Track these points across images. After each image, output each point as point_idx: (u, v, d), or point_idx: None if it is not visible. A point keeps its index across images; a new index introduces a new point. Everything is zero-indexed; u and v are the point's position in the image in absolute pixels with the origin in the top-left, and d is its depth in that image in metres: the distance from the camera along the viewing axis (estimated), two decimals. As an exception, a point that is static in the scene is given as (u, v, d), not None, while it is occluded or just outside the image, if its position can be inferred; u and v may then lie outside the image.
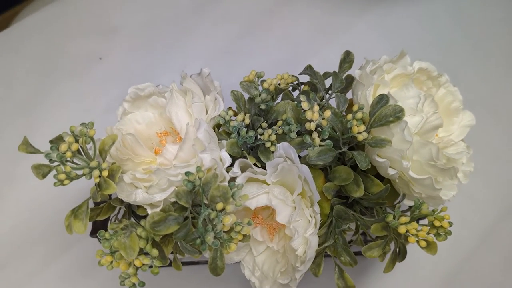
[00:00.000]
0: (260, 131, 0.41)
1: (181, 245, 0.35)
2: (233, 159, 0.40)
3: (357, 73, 0.42)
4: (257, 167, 0.40)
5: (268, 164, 0.38)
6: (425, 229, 0.36)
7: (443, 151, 0.40)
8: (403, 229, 0.35)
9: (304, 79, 0.47)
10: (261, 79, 0.44)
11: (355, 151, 0.39)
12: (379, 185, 0.40)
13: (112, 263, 0.35)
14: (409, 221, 0.36)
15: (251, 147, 0.42)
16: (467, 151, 0.43)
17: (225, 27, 0.76)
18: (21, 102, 0.68)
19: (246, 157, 0.40)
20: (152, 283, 0.48)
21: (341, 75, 0.45)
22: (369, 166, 0.38)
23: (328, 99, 0.45)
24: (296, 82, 0.45)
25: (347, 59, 0.46)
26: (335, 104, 0.41)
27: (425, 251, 0.38)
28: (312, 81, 0.45)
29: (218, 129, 0.43)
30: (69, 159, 0.36)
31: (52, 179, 0.36)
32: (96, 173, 0.36)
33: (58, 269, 0.55)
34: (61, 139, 0.39)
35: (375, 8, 0.78)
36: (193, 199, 0.36)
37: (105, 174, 0.36)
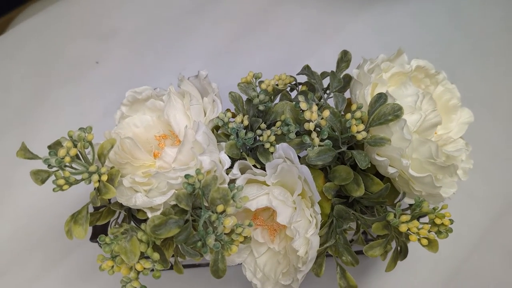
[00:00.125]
0: (259, 132, 0.41)
1: (182, 248, 0.35)
2: (233, 160, 0.40)
3: (354, 72, 0.42)
4: (257, 168, 0.40)
5: (267, 165, 0.38)
6: (426, 227, 0.36)
7: (442, 149, 0.40)
8: (404, 228, 0.35)
9: (301, 79, 0.47)
10: (259, 80, 0.44)
11: (354, 150, 0.39)
12: (379, 184, 0.40)
13: (113, 267, 0.35)
14: (410, 220, 0.36)
15: (250, 149, 0.42)
16: (466, 148, 0.43)
17: (222, 29, 0.76)
18: (18, 108, 0.68)
19: (245, 159, 0.40)
20: (153, 287, 0.47)
21: (339, 75, 0.45)
22: (369, 165, 0.38)
23: (326, 99, 0.45)
24: (294, 82, 0.45)
25: (344, 59, 0.46)
26: (334, 103, 0.41)
27: (427, 249, 0.37)
28: (309, 81, 0.45)
29: (216, 131, 0.43)
30: (68, 164, 0.36)
31: (50, 184, 0.36)
32: (95, 177, 0.35)
33: (58, 275, 0.55)
34: (60, 144, 0.38)
35: (371, 7, 0.78)
36: (193, 201, 0.35)
37: (104, 178, 0.36)
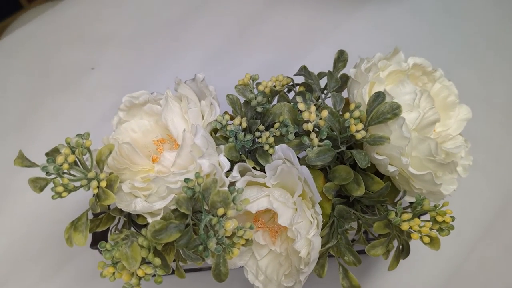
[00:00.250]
0: (257, 134, 0.40)
1: (184, 252, 0.35)
2: (232, 163, 0.40)
3: (352, 71, 0.42)
4: (256, 170, 0.40)
5: (267, 166, 0.38)
6: (427, 225, 0.36)
7: (441, 146, 0.40)
8: (406, 226, 0.35)
9: (298, 80, 0.47)
10: (256, 82, 0.44)
11: (354, 150, 0.39)
12: (379, 183, 0.39)
13: (114, 274, 0.34)
14: (411, 218, 0.36)
15: (249, 151, 0.42)
16: (465, 145, 0.43)
17: (217, 32, 0.76)
18: (14, 115, 0.68)
19: (244, 161, 0.40)
20: (155, 292, 0.47)
21: (336, 75, 0.45)
22: (368, 164, 0.38)
23: (324, 99, 0.44)
24: (291, 83, 0.45)
25: (341, 58, 0.46)
26: (332, 103, 0.41)
27: (428, 247, 0.37)
28: (307, 81, 0.45)
29: (215, 134, 0.43)
30: (66, 171, 0.36)
31: (48, 192, 0.35)
32: (94, 184, 0.35)
33: (59, 283, 0.54)
34: (57, 151, 0.38)
35: (365, 6, 0.78)
36: (193, 205, 0.35)
37: (103, 184, 0.36)
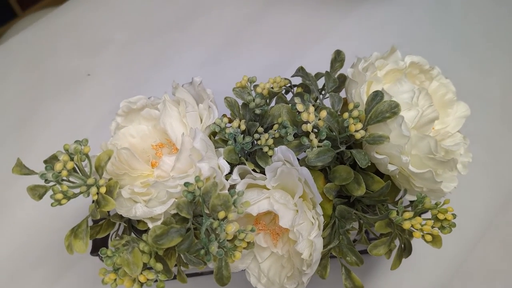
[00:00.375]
0: (256, 136, 0.40)
1: (185, 257, 0.34)
2: (231, 166, 0.39)
3: (349, 71, 0.42)
4: (256, 172, 0.40)
5: (267, 168, 0.38)
6: (429, 223, 0.36)
7: (440, 144, 0.40)
8: (407, 225, 0.35)
9: (296, 81, 0.47)
10: (254, 84, 0.44)
11: (353, 149, 0.39)
12: (379, 182, 0.39)
13: (116, 280, 0.34)
14: (413, 216, 0.36)
15: (248, 153, 0.41)
16: (464, 142, 0.43)
17: (213, 36, 0.76)
18: (11, 124, 0.67)
19: (244, 164, 0.39)
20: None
21: (333, 75, 0.45)
22: (369, 163, 0.37)
23: (322, 99, 0.44)
24: (288, 85, 0.45)
25: (338, 58, 0.46)
26: (330, 104, 0.41)
27: (430, 245, 0.37)
28: (304, 82, 0.45)
29: (213, 137, 0.42)
30: (65, 178, 0.35)
31: (46, 199, 0.35)
32: (93, 190, 0.35)
33: (60, 291, 0.54)
34: (56, 158, 0.38)
35: (359, 6, 0.78)
36: (193, 209, 0.35)
37: (103, 190, 0.35)
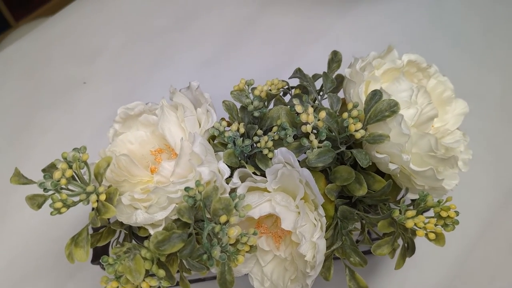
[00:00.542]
0: (256, 139, 0.40)
1: (188, 262, 0.34)
2: (232, 169, 0.39)
3: (347, 71, 0.42)
4: (257, 175, 0.39)
5: (267, 171, 0.38)
6: (432, 221, 0.36)
7: (440, 141, 0.39)
8: (410, 223, 0.35)
9: (293, 84, 0.47)
10: (251, 87, 0.44)
11: (354, 149, 0.38)
12: (381, 182, 0.39)
13: (118, 288, 0.34)
14: (415, 215, 0.36)
15: (248, 156, 0.41)
16: (464, 139, 0.43)
17: (208, 40, 0.76)
18: (8, 134, 0.67)
19: (244, 167, 0.39)
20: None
21: (331, 75, 0.45)
22: (370, 163, 0.37)
23: (320, 100, 0.44)
24: (286, 86, 0.45)
25: (335, 59, 0.46)
26: (328, 104, 0.41)
27: (434, 243, 0.37)
28: (302, 83, 0.44)
29: (213, 141, 0.42)
30: (64, 186, 0.35)
31: (45, 208, 0.35)
32: (93, 197, 0.35)
33: (61, 301, 0.53)
34: (54, 166, 0.38)
35: (354, 7, 0.79)
36: (195, 214, 0.35)
37: (102, 198, 0.35)
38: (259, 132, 0.41)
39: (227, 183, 0.38)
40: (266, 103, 0.44)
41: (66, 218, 0.45)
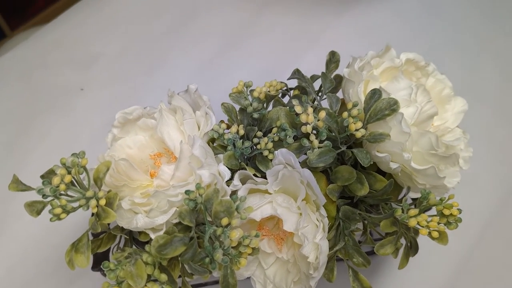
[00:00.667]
0: (255, 140, 0.40)
1: (190, 266, 0.34)
2: (232, 172, 0.39)
3: (345, 71, 0.42)
4: (257, 177, 0.39)
5: (268, 172, 0.38)
6: (435, 219, 0.35)
7: (441, 139, 0.39)
8: (413, 222, 0.35)
9: (292, 85, 0.46)
10: (250, 88, 0.44)
11: (354, 149, 0.38)
12: (382, 181, 0.39)
13: (119, 294, 0.33)
14: (418, 213, 0.35)
15: (248, 158, 0.41)
16: (464, 137, 0.43)
17: (205, 44, 0.76)
18: (5, 141, 0.66)
19: (245, 169, 0.39)
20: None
21: (330, 76, 0.45)
22: (371, 162, 0.37)
23: (319, 100, 0.44)
24: (285, 88, 0.45)
25: (333, 60, 0.46)
26: (328, 104, 0.41)
27: (437, 242, 0.37)
28: (300, 84, 0.44)
29: (212, 143, 0.42)
30: (63, 192, 0.35)
31: (45, 215, 0.34)
32: (93, 202, 0.34)
33: (61, 309, 0.53)
34: (53, 172, 0.37)
35: (350, 8, 0.79)
36: (196, 217, 0.34)
37: (102, 202, 0.35)
38: (259, 133, 0.41)
39: (228, 186, 0.37)
40: (265, 105, 0.44)
41: (65, 224, 0.45)
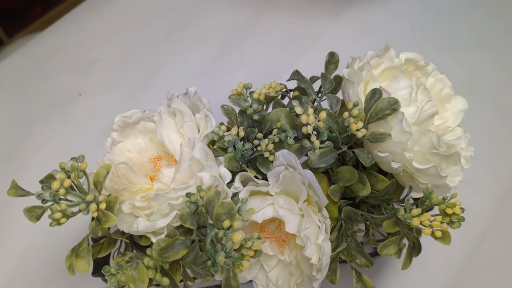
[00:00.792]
0: (256, 142, 0.40)
1: (192, 269, 0.33)
2: (233, 174, 0.39)
3: (345, 71, 0.42)
4: (258, 179, 0.39)
5: (269, 174, 0.37)
6: (438, 219, 0.35)
7: (442, 139, 0.39)
8: (416, 222, 0.35)
9: (291, 87, 0.46)
10: (249, 90, 0.44)
11: (356, 149, 0.38)
12: (384, 181, 0.39)
13: (121, 299, 0.33)
14: (420, 213, 0.35)
15: (249, 160, 0.41)
16: (465, 136, 0.42)
17: (203, 48, 0.76)
18: (3, 149, 0.66)
19: (245, 171, 0.39)
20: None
21: (329, 76, 0.44)
22: (373, 162, 0.37)
23: (319, 101, 0.44)
24: (284, 89, 0.45)
25: (332, 60, 0.45)
26: (328, 105, 0.41)
27: (440, 241, 0.37)
28: (300, 85, 0.44)
29: (212, 146, 0.42)
30: (63, 197, 0.34)
31: (44, 221, 0.34)
32: (93, 206, 0.34)
33: (62, 316, 0.52)
34: (52, 177, 0.37)
35: (347, 10, 0.79)
36: (197, 220, 0.34)
37: (102, 206, 0.34)
38: (259, 135, 0.40)
39: (229, 188, 0.37)
40: (265, 106, 0.44)
41: (64, 230, 0.44)
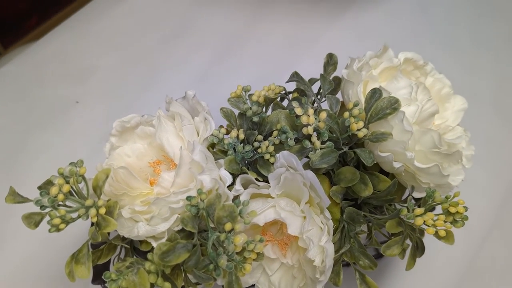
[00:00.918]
0: (256, 144, 0.39)
1: (194, 274, 0.33)
2: (233, 176, 0.38)
3: (344, 72, 0.42)
4: (259, 181, 0.39)
5: (270, 176, 0.37)
6: (441, 218, 0.35)
7: (443, 138, 0.39)
8: (420, 221, 0.34)
9: (290, 89, 0.46)
10: (249, 93, 0.43)
11: (357, 149, 0.38)
12: (386, 181, 0.38)
13: (122, 305, 0.32)
14: (424, 212, 0.35)
15: (249, 162, 0.40)
16: (466, 135, 0.42)
17: (201, 53, 0.76)
18: (1, 157, 0.65)
19: (246, 173, 0.38)
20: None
21: (328, 77, 0.44)
22: (374, 161, 0.37)
23: (319, 102, 0.44)
24: (283, 91, 0.45)
25: (330, 62, 0.45)
26: (328, 106, 0.41)
27: (443, 241, 0.36)
28: (299, 87, 0.44)
29: (212, 149, 0.41)
30: (62, 203, 0.34)
31: (43, 227, 0.33)
32: (93, 211, 0.33)
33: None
34: (50, 183, 0.36)
35: (344, 12, 0.79)
36: (198, 224, 0.34)
37: (102, 211, 0.34)
38: (259, 137, 0.40)
39: (229, 191, 0.37)
40: (264, 109, 0.43)
41: (63, 237, 0.44)
